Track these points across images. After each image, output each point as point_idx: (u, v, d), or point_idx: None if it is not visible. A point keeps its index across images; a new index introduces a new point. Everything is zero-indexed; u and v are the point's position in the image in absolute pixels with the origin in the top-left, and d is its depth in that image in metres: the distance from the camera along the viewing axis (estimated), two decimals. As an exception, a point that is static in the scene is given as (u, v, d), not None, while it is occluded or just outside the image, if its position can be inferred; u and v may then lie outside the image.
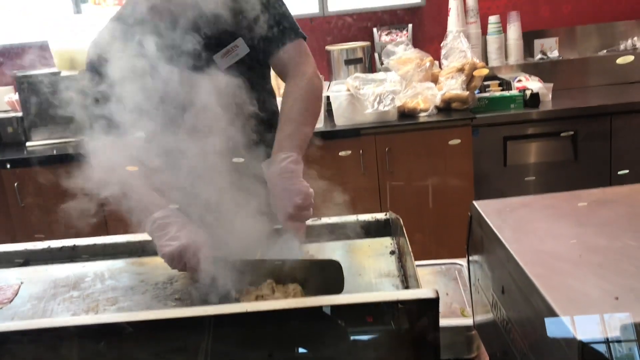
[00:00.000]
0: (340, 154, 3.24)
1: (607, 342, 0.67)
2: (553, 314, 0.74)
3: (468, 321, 1.35)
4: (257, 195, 1.34)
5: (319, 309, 0.77)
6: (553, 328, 0.75)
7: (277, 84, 3.36)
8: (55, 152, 3.24)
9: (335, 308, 0.77)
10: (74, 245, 1.59)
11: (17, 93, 3.44)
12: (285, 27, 1.59)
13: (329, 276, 1.23)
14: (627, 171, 3.10)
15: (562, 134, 3.15)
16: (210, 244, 1.29)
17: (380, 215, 1.55)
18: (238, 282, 1.21)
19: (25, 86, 3.32)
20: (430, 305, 0.77)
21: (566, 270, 0.84)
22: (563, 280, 0.81)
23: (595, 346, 0.67)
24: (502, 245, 0.96)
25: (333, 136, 3.09)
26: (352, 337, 0.79)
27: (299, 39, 1.62)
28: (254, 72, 1.62)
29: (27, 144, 3.40)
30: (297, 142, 1.46)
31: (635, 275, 0.79)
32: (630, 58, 1.46)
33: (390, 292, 0.83)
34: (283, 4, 1.63)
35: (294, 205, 1.35)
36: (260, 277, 1.23)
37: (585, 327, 0.69)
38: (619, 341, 0.66)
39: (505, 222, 1.05)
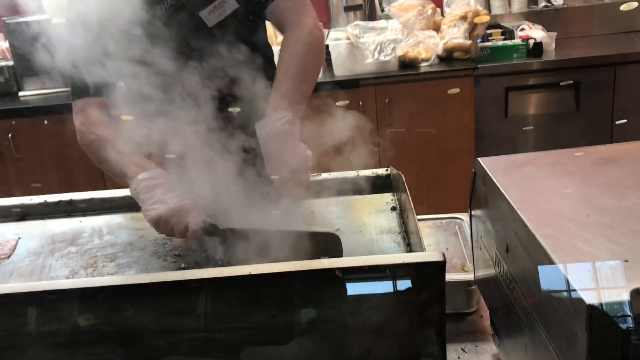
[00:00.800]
0: (337, 104, 3.18)
1: (615, 308, 0.66)
2: (561, 276, 0.72)
3: (468, 276, 1.35)
4: (253, 157, 1.29)
5: (322, 271, 0.76)
6: (560, 290, 0.74)
7: (274, 32, 3.28)
8: (49, 102, 3.18)
9: (339, 270, 0.76)
10: (71, 199, 1.57)
11: (7, 41, 3.36)
12: None
13: (327, 249, 1.18)
14: (625, 121, 3.09)
15: (561, 83, 3.11)
16: (200, 208, 1.21)
17: (381, 171, 1.53)
18: (229, 254, 1.16)
19: (15, 34, 3.23)
20: (437, 268, 0.76)
21: (574, 231, 0.82)
22: (571, 242, 0.79)
23: (604, 312, 0.66)
24: (508, 204, 0.94)
25: (332, 87, 3.03)
26: (356, 300, 0.78)
27: None
28: (245, 25, 1.50)
29: (20, 93, 3.33)
30: (294, 100, 1.35)
31: (645, 237, 0.77)
32: (635, 4, 1.41)
33: (396, 255, 0.82)
34: None
35: (291, 169, 1.26)
36: (254, 248, 1.16)
37: (593, 291, 0.68)
38: (627, 309, 0.65)
39: (510, 180, 1.02)
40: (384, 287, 0.78)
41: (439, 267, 0.76)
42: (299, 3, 1.49)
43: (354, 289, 0.78)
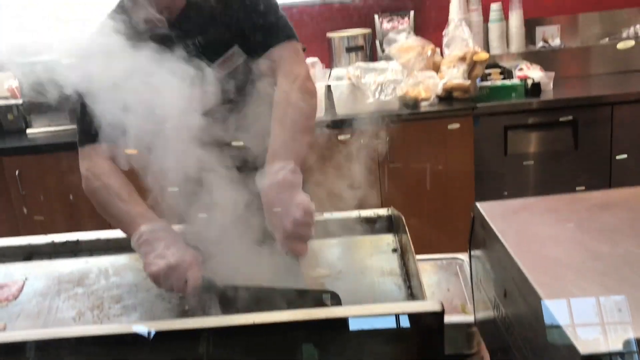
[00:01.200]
0: (339, 137, 3.24)
1: (609, 355, 0.68)
2: (556, 325, 0.75)
3: (469, 318, 1.37)
4: (255, 210, 1.25)
5: (324, 320, 0.78)
6: (555, 337, 0.76)
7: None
8: (56, 139, 3.23)
9: (340, 319, 0.78)
10: (78, 239, 1.60)
11: (17, 80, 3.43)
12: (279, 27, 1.49)
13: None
14: (625, 156, 3.12)
15: (560, 119, 3.15)
16: (200, 264, 1.21)
17: (382, 211, 1.56)
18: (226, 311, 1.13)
19: (25, 73, 3.30)
20: (436, 317, 0.78)
21: (569, 278, 0.84)
22: (566, 289, 0.81)
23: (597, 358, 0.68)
24: (505, 250, 0.96)
25: (334, 125, 3.08)
26: (357, 347, 0.80)
27: (292, 41, 1.50)
28: (251, 71, 1.50)
29: (28, 131, 3.39)
30: (294, 149, 1.31)
31: (638, 285, 0.80)
32: (631, 43, 1.45)
33: (396, 304, 0.84)
34: (277, 6, 1.52)
35: (292, 222, 1.18)
36: (253, 306, 1.11)
37: (587, 340, 0.70)
38: (621, 355, 0.67)
39: (508, 225, 1.05)
40: (384, 334, 0.80)
41: (438, 316, 0.78)
42: (293, 54, 1.49)
43: (355, 336, 0.80)
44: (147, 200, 1.34)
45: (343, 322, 0.79)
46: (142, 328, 0.81)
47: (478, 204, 1.17)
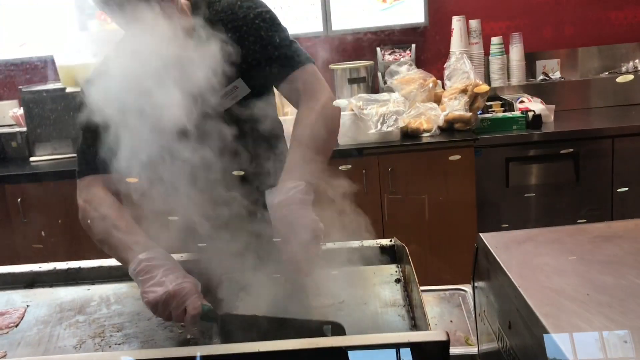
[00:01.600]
0: (340, 167, 3.24)
1: (616, 387, 0.68)
2: (563, 357, 0.74)
3: (472, 350, 1.36)
4: (259, 235, 1.25)
5: (330, 350, 0.78)
6: (561, 369, 0.76)
7: (280, 103, 3.38)
8: (59, 167, 3.25)
9: (346, 349, 0.78)
10: (79, 267, 1.60)
11: (21, 108, 3.46)
12: (292, 53, 1.48)
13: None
14: (626, 189, 3.13)
15: (561, 152, 3.17)
16: (199, 292, 1.19)
17: (385, 242, 1.56)
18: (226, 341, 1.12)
19: (30, 101, 3.34)
20: (441, 348, 0.78)
21: (574, 310, 0.84)
22: (571, 321, 0.81)
23: (604, 391, 0.68)
24: (509, 281, 0.96)
25: (336, 155, 3.09)
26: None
27: (308, 64, 1.50)
28: (255, 105, 1.49)
29: (31, 159, 3.41)
30: (308, 170, 1.30)
31: (643, 317, 0.80)
32: (630, 77, 1.47)
33: (401, 334, 0.84)
34: (284, 31, 1.52)
35: (300, 241, 1.19)
36: (254, 336, 1.08)
37: (594, 371, 0.70)
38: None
39: (511, 256, 1.05)
40: (389, 364, 0.80)
41: (444, 347, 0.78)
42: (312, 78, 1.49)
43: (360, 366, 0.80)
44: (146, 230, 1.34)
45: (347, 351, 0.78)
46: (143, 355, 0.81)
47: (482, 235, 1.17)
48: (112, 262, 1.60)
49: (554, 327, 0.80)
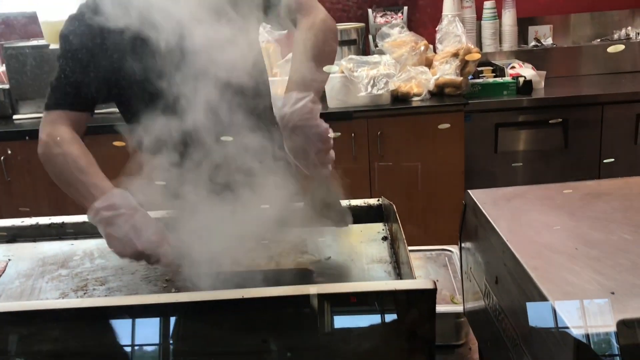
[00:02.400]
0: (330, 135, 3.21)
1: (602, 337, 0.67)
2: (549, 307, 0.74)
3: (457, 308, 1.36)
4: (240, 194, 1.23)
5: (314, 297, 0.76)
6: (548, 320, 0.75)
7: (269, 63, 3.33)
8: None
9: (331, 296, 0.77)
10: (63, 222, 1.57)
11: (4, 65, 3.38)
12: None
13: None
14: (612, 160, 3.14)
15: (550, 121, 3.16)
16: (167, 238, 1.18)
17: (373, 201, 1.54)
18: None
19: (12, 58, 3.26)
20: (428, 296, 0.77)
21: (562, 263, 0.84)
22: (559, 274, 0.81)
23: (591, 343, 0.67)
24: (498, 236, 0.96)
25: (325, 118, 3.06)
26: (347, 326, 0.79)
27: None
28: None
29: (14, 116, 3.34)
30: (312, 81, 1.28)
31: (631, 270, 0.79)
32: (621, 47, 1.45)
33: (388, 282, 0.83)
34: None
35: (315, 148, 1.21)
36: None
37: (581, 322, 0.69)
38: (614, 340, 0.66)
39: (500, 212, 1.05)
40: (374, 313, 0.79)
41: (430, 295, 0.77)
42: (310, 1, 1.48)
43: (345, 315, 0.79)
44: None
45: (336, 298, 0.77)
46: (122, 301, 0.79)
47: (470, 192, 1.16)
48: (96, 217, 1.57)
49: (542, 280, 0.79)
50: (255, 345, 0.79)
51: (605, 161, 3.24)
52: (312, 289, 0.76)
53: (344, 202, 1.53)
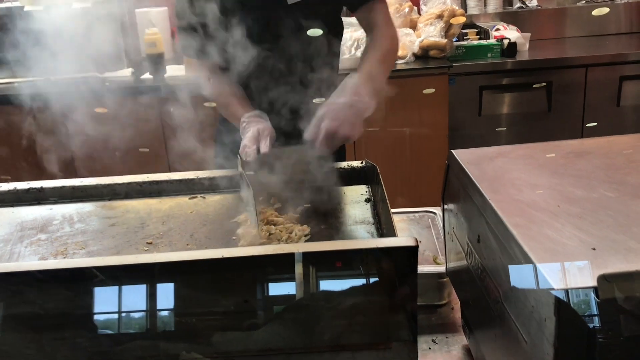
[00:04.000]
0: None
1: (582, 292, 0.67)
2: (530, 263, 0.74)
3: (440, 268, 1.37)
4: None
5: (295, 255, 0.76)
6: (529, 277, 0.75)
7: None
8: (19, 91, 3.12)
9: (312, 254, 0.76)
10: (41, 187, 1.54)
11: (-22, 27, 3.28)
12: None
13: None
14: (595, 124, 3.15)
15: (534, 85, 3.16)
16: (273, 137, 1.50)
17: (356, 163, 1.53)
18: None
19: (-14, 20, 3.16)
20: (409, 253, 0.76)
21: (544, 220, 0.83)
22: (541, 230, 0.81)
23: (571, 297, 0.68)
24: (481, 194, 0.95)
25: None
26: (328, 285, 0.78)
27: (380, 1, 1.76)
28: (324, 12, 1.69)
29: (-10, 82, 3.27)
30: (375, 84, 1.59)
31: (613, 226, 0.79)
32: (605, 10, 1.44)
33: (370, 240, 0.82)
34: None
35: (324, 143, 1.46)
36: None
37: (562, 277, 0.69)
38: (594, 294, 0.67)
39: (483, 171, 1.04)
40: (356, 272, 0.79)
41: (412, 252, 0.77)
42: (388, 13, 1.81)
43: (326, 273, 0.78)
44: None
45: (317, 257, 0.76)
46: (102, 261, 0.78)
47: (454, 152, 1.15)
48: (75, 182, 1.55)
49: (524, 237, 0.79)
50: (237, 305, 0.79)
51: (588, 125, 3.26)
52: (293, 248, 0.76)
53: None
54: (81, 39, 1.76)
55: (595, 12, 1.53)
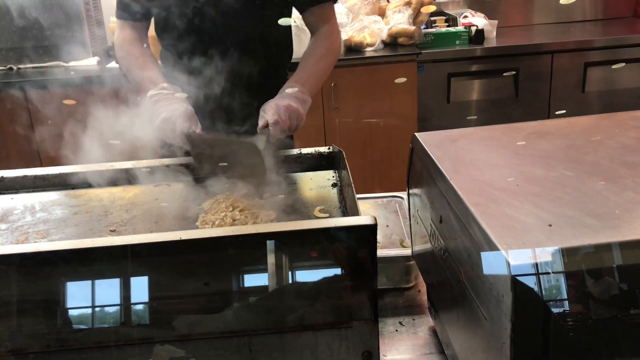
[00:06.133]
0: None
1: (537, 269, 0.68)
2: (488, 240, 0.74)
3: (407, 251, 1.37)
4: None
5: (255, 236, 0.75)
6: (488, 255, 0.76)
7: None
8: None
9: (273, 235, 0.76)
10: (2, 176, 1.51)
11: None
12: None
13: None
14: (564, 111, 3.20)
15: (504, 74, 3.19)
16: (192, 118, 1.43)
17: (324, 149, 1.53)
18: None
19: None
20: (368, 232, 0.76)
21: (503, 199, 0.84)
22: (500, 209, 0.81)
23: (527, 272, 0.69)
24: (442, 175, 0.96)
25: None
26: (290, 265, 0.78)
27: (333, 1, 1.78)
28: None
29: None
30: (309, 84, 1.60)
31: (570, 204, 0.80)
32: None
33: (329, 219, 0.82)
34: None
35: (273, 122, 1.44)
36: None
37: (517, 253, 0.70)
38: (549, 269, 0.68)
39: (445, 153, 1.05)
40: (316, 251, 0.79)
41: (371, 230, 0.77)
42: (334, 15, 1.81)
43: (287, 254, 0.78)
44: None
45: (277, 237, 0.76)
46: (60, 245, 0.77)
47: (417, 134, 1.15)
48: (37, 171, 1.52)
49: (482, 215, 0.80)
50: (198, 288, 0.78)
51: (557, 113, 3.31)
52: (253, 229, 0.75)
53: (295, 151, 1.52)
54: (46, 27, 1.74)
55: (563, 1, 1.54)
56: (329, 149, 1.54)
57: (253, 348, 0.77)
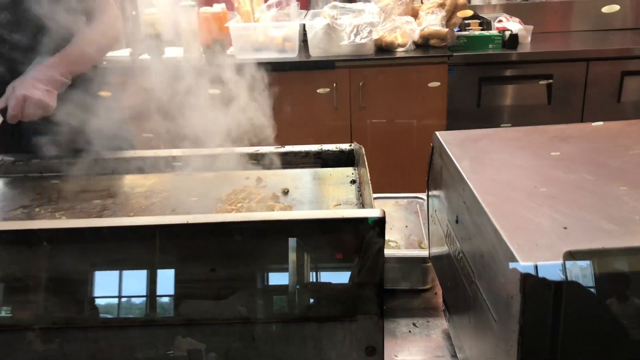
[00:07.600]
0: (318, 91, 3.17)
1: (549, 268, 0.66)
2: (500, 240, 0.73)
3: (424, 252, 1.36)
4: None
5: (265, 223, 0.75)
6: (499, 254, 0.74)
7: (251, 6, 3.24)
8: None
9: (282, 223, 0.75)
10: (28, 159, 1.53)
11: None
12: None
13: None
14: (601, 123, 3.13)
15: (540, 82, 3.13)
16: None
17: (345, 146, 1.52)
18: None
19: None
20: (376, 225, 0.75)
21: (519, 200, 0.82)
22: (515, 209, 0.80)
23: (538, 274, 0.67)
24: (459, 174, 0.94)
25: (307, 67, 3.01)
26: (297, 254, 0.77)
27: None
28: None
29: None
30: (60, 73, 1.57)
31: (587, 207, 0.78)
32: (616, 7, 1.41)
33: (337, 211, 0.81)
34: None
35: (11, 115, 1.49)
36: None
37: (529, 253, 0.68)
38: (560, 272, 0.66)
39: (465, 152, 1.03)
40: (323, 242, 0.78)
41: (379, 224, 0.76)
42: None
43: (295, 243, 0.77)
44: None
45: (285, 225, 0.75)
46: (65, 224, 0.77)
47: (438, 133, 1.14)
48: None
49: (496, 215, 0.78)
50: (204, 273, 0.78)
51: (593, 125, 3.23)
52: (261, 216, 0.75)
53: (316, 147, 1.52)
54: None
55: (605, 10, 1.49)
56: (350, 145, 1.54)
57: (256, 336, 0.77)
